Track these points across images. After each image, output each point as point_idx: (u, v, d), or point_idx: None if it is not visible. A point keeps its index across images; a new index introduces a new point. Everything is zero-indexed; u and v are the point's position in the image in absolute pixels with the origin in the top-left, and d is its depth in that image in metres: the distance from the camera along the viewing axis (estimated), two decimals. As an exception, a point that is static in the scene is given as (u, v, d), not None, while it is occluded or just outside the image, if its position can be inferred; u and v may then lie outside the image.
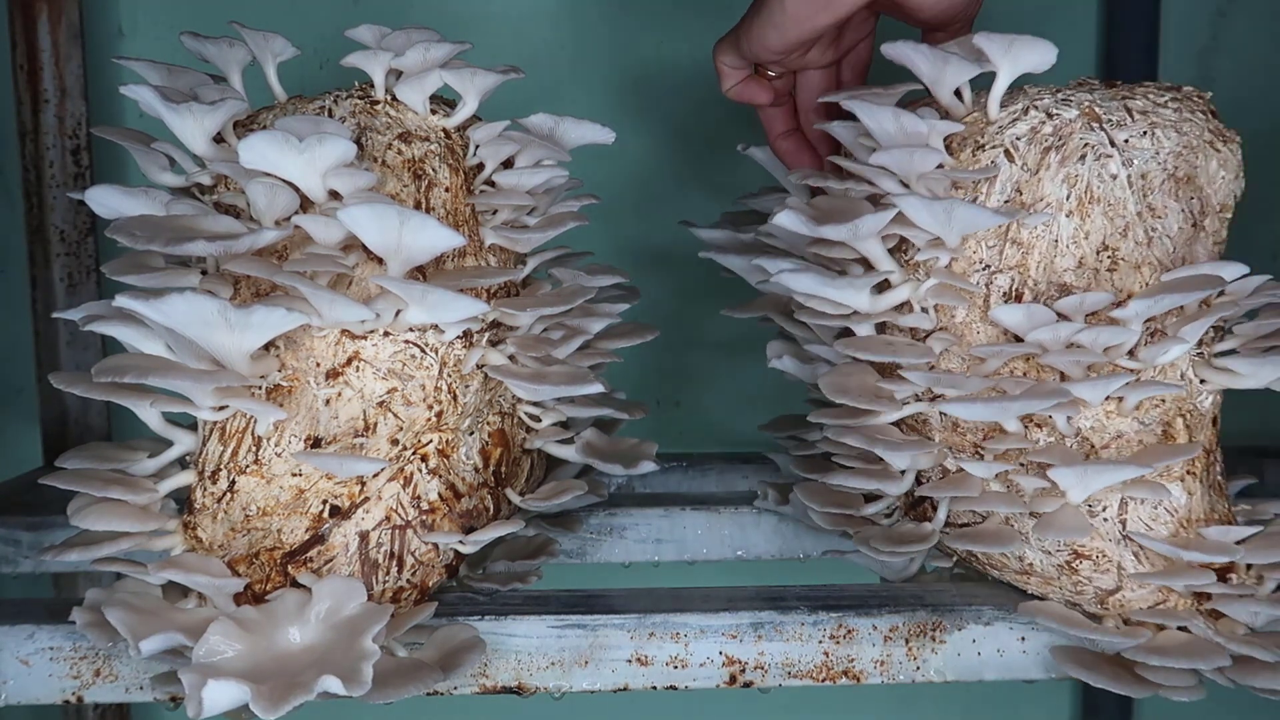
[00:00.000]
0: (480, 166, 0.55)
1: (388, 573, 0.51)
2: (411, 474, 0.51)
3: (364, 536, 0.50)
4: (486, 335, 0.53)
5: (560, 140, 0.55)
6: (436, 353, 0.51)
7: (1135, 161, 0.51)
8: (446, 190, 0.53)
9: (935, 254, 0.51)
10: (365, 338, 0.50)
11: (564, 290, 0.56)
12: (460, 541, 0.52)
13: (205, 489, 0.51)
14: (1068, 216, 0.51)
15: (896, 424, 0.54)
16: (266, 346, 0.50)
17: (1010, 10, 0.82)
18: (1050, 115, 0.51)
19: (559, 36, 0.81)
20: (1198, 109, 0.52)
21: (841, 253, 0.53)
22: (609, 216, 0.82)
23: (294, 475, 0.50)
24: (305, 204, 0.50)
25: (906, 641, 0.52)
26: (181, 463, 0.53)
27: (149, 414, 0.51)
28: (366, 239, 0.48)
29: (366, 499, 0.50)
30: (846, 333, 0.54)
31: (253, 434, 0.51)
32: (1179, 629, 0.51)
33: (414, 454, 0.51)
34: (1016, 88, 0.52)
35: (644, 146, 0.83)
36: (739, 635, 0.52)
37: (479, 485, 0.53)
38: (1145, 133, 0.51)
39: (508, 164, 0.55)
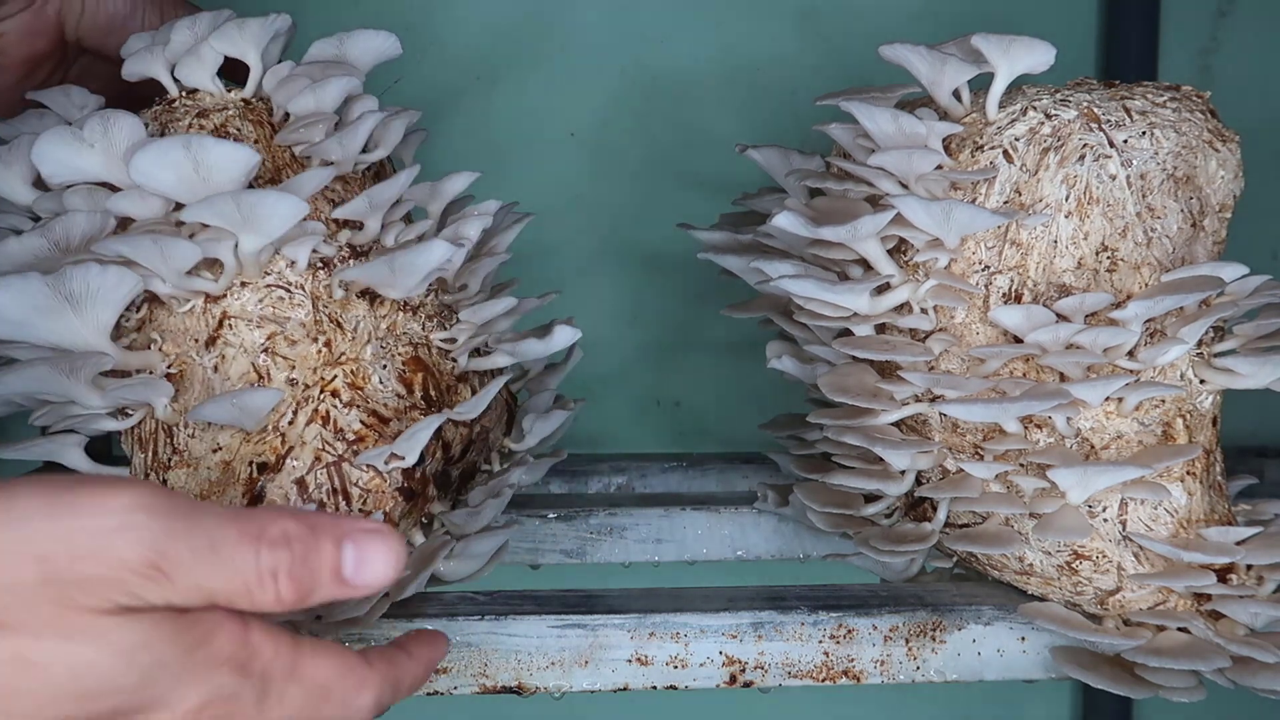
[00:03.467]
0: (287, 116, 0.53)
1: (336, 509, 0.50)
2: (328, 411, 0.50)
3: (301, 483, 0.49)
4: (340, 251, 0.52)
5: (352, 60, 0.53)
6: (303, 288, 0.50)
7: (1134, 162, 0.51)
8: (256, 142, 0.52)
9: (934, 255, 0.51)
10: (226, 295, 0.50)
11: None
12: (393, 454, 0.50)
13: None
14: (1067, 217, 0.51)
15: (896, 424, 0.54)
16: (149, 345, 0.50)
17: (1009, 10, 0.82)
18: (1049, 116, 0.51)
19: (557, 36, 0.81)
20: (1196, 109, 0.52)
21: (840, 254, 0.53)
22: (606, 217, 0.82)
23: (214, 451, 0.50)
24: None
25: (906, 641, 0.52)
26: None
27: (77, 459, 0.51)
28: (164, 186, 0.46)
29: (291, 448, 0.49)
30: (846, 333, 0.54)
31: (164, 429, 0.50)
32: (1179, 630, 0.51)
33: (322, 392, 0.50)
34: (1015, 88, 0.52)
35: (642, 147, 0.83)
36: (739, 635, 0.52)
37: (408, 409, 0.52)
38: (1144, 133, 0.51)
39: None
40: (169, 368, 0.50)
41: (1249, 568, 0.52)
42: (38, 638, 0.29)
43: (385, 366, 0.52)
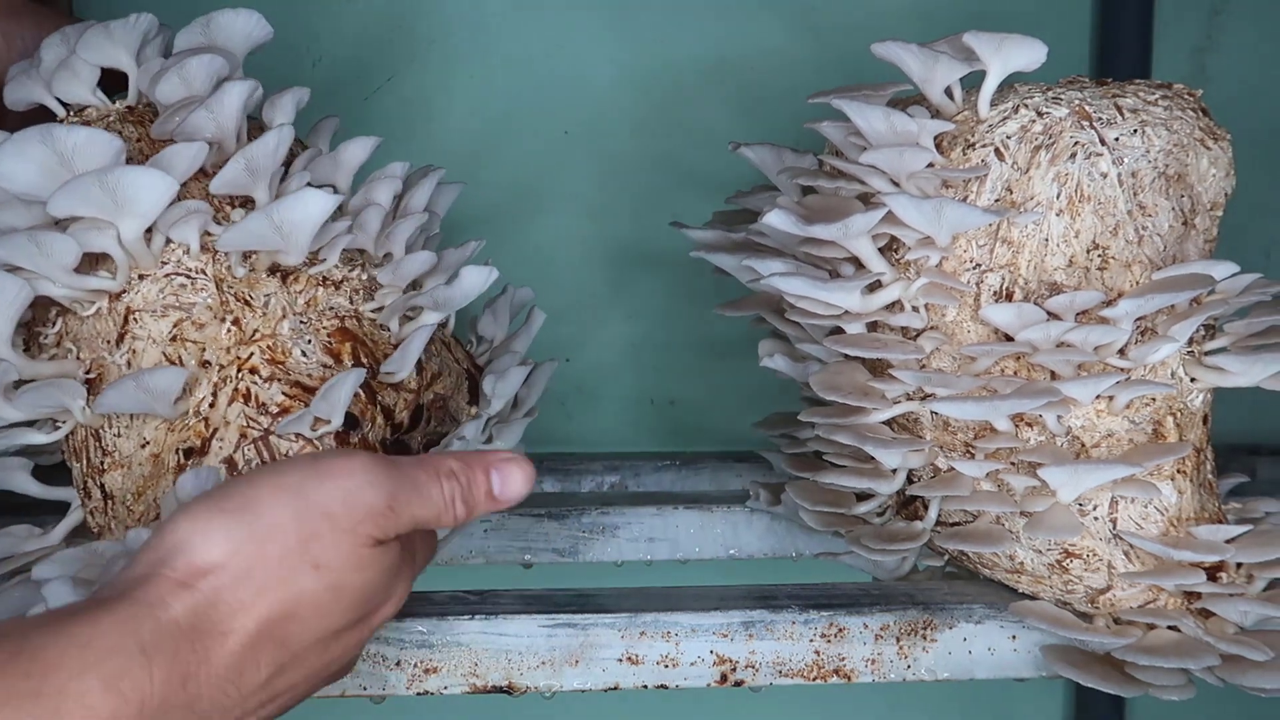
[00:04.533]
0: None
1: None
2: (248, 388, 0.49)
3: (229, 461, 0.49)
4: (216, 222, 0.50)
5: (220, 44, 0.52)
6: (204, 272, 0.50)
7: (1126, 160, 0.51)
8: (138, 141, 0.51)
9: (926, 253, 0.51)
10: (126, 291, 0.49)
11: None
12: (316, 417, 0.49)
13: (90, 511, 0.51)
14: (1058, 215, 0.51)
15: (888, 423, 0.54)
16: (67, 355, 0.50)
17: (1002, 7, 0.81)
18: (1040, 114, 0.51)
19: (555, 37, 0.81)
20: (1188, 107, 0.52)
21: (832, 251, 0.53)
22: (600, 216, 0.82)
23: (143, 446, 0.50)
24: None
25: (898, 640, 0.52)
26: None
27: (27, 483, 0.51)
28: (28, 183, 0.45)
29: (215, 429, 0.49)
30: (838, 331, 0.54)
31: (93, 435, 0.50)
32: (1169, 628, 0.51)
33: (240, 370, 0.50)
34: (1007, 86, 0.52)
35: (636, 145, 0.83)
36: (730, 634, 0.52)
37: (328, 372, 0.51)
38: (1135, 131, 0.51)
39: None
40: (87, 373, 0.50)
41: (1239, 566, 0.52)
42: (342, 571, 0.40)
43: (309, 340, 0.51)
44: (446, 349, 0.57)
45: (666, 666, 0.51)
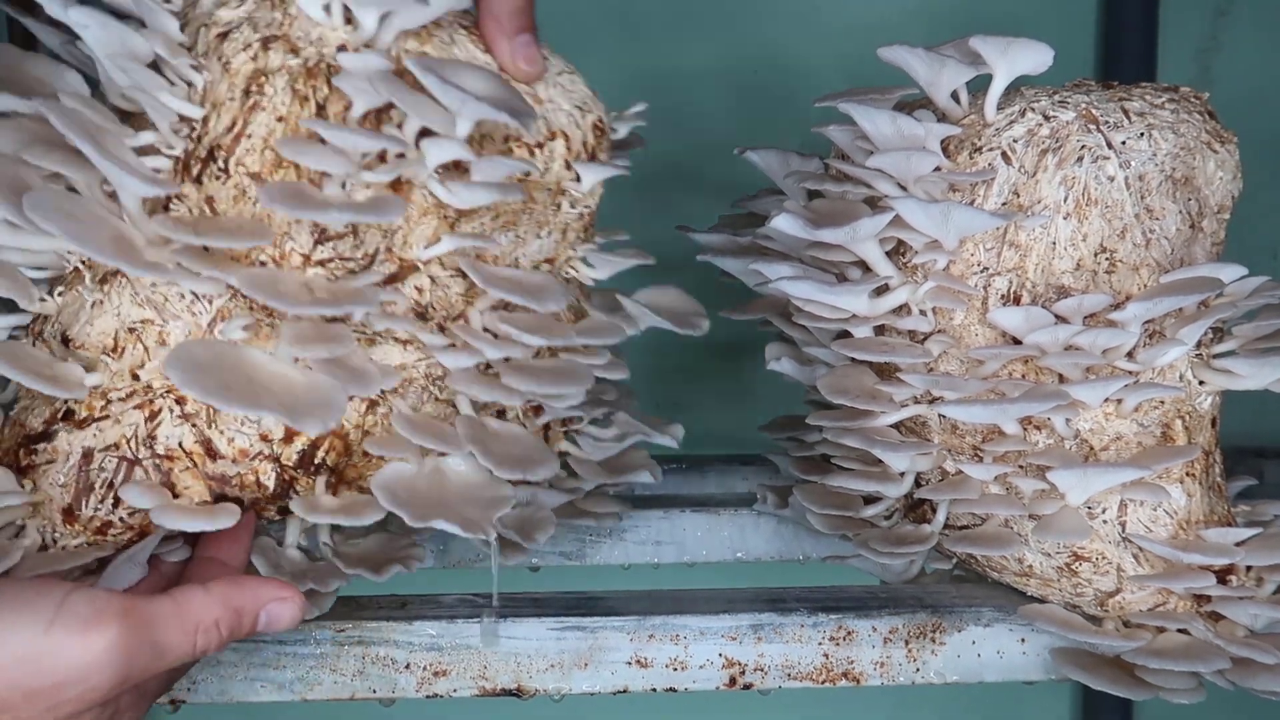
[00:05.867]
0: (348, 105, 0.46)
1: (101, 501, 0.47)
2: (159, 410, 0.47)
3: (88, 455, 0.47)
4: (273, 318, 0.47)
5: (456, 106, 0.45)
6: (211, 303, 0.46)
7: (1133, 163, 0.51)
8: (280, 120, 0.45)
9: (933, 256, 0.51)
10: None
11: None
12: (153, 506, 0.46)
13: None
14: (1065, 219, 0.51)
15: (895, 426, 0.54)
16: None
17: (1008, 11, 0.82)
18: (1047, 117, 0.51)
19: (557, 39, 0.81)
20: (1195, 110, 0.52)
21: (839, 255, 0.53)
22: (605, 219, 0.82)
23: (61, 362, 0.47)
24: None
25: (906, 643, 0.52)
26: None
27: None
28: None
29: (106, 417, 0.47)
30: (845, 335, 0.54)
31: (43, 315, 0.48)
32: (1179, 631, 0.51)
33: (167, 393, 0.47)
34: (1013, 89, 0.52)
35: (642, 149, 0.83)
36: (738, 637, 0.52)
37: (258, 455, 0.47)
38: (1142, 134, 0.51)
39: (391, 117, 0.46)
40: (80, 265, 0.47)
41: (1248, 569, 0.52)
42: None
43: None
44: None
45: (675, 669, 0.51)
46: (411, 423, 0.49)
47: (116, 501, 0.47)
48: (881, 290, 0.53)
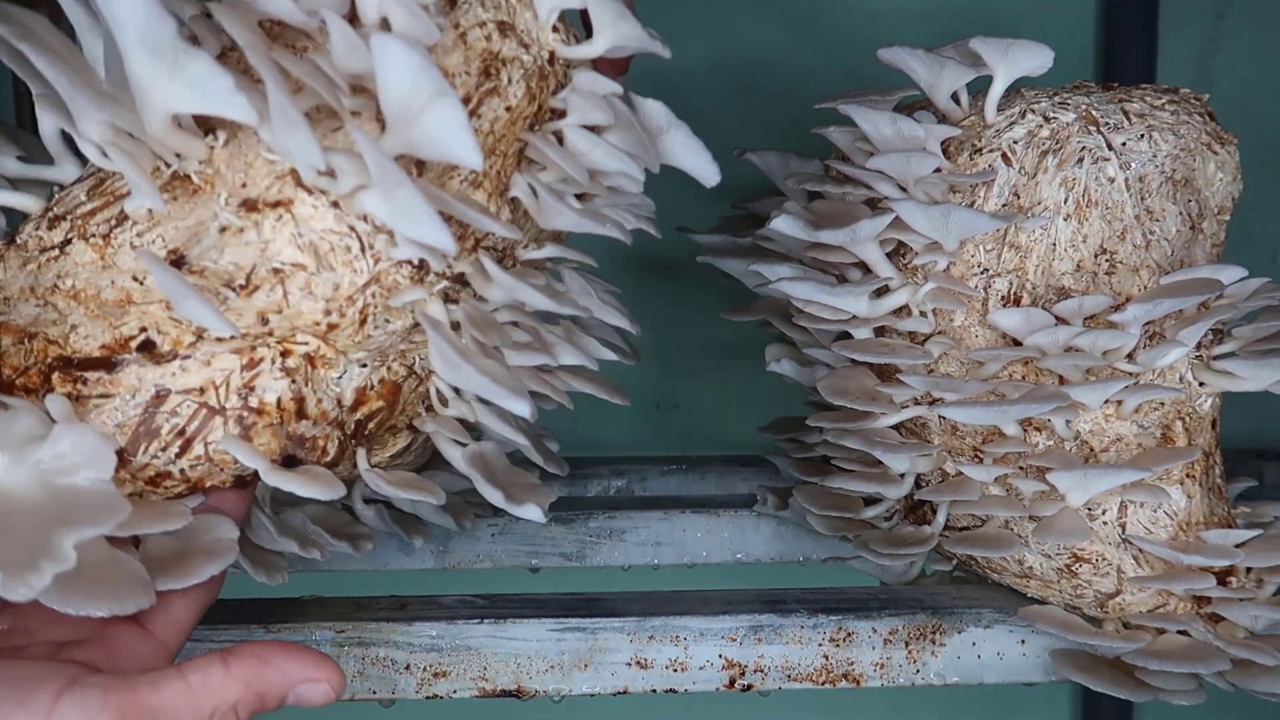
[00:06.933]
0: (561, 114, 0.46)
1: (163, 449, 0.41)
2: (260, 359, 0.42)
3: (160, 395, 0.41)
4: (444, 284, 0.44)
5: (661, 145, 0.47)
6: (376, 262, 0.42)
7: (1133, 164, 0.51)
8: (507, 110, 0.44)
9: (933, 258, 0.51)
10: (312, 193, 0.41)
11: (561, 295, 0.48)
12: (262, 467, 0.42)
13: (39, 228, 0.42)
14: (1065, 220, 0.51)
15: (895, 427, 0.54)
16: (206, 130, 0.41)
17: (1008, 12, 0.82)
18: (1047, 119, 0.51)
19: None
20: (1195, 111, 0.52)
21: (839, 256, 0.53)
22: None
23: (135, 279, 0.41)
24: (352, 18, 0.41)
25: (906, 644, 0.52)
26: (46, 187, 0.44)
27: (45, 117, 0.42)
28: (382, 87, 0.38)
29: (191, 356, 0.41)
30: (845, 336, 0.55)
31: (123, 207, 0.42)
32: (1179, 633, 0.51)
33: (277, 342, 0.42)
34: (1013, 91, 0.52)
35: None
36: (738, 638, 0.52)
37: (331, 421, 0.44)
38: (1143, 135, 0.51)
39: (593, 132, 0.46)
40: (196, 175, 0.41)
41: (1249, 570, 0.52)
42: None
43: (364, 369, 0.44)
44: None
45: (675, 670, 0.51)
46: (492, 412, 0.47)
47: (183, 451, 0.42)
48: (882, 291, 0.53)
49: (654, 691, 0.51)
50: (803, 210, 0.53)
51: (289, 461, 0.43)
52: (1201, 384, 0.52)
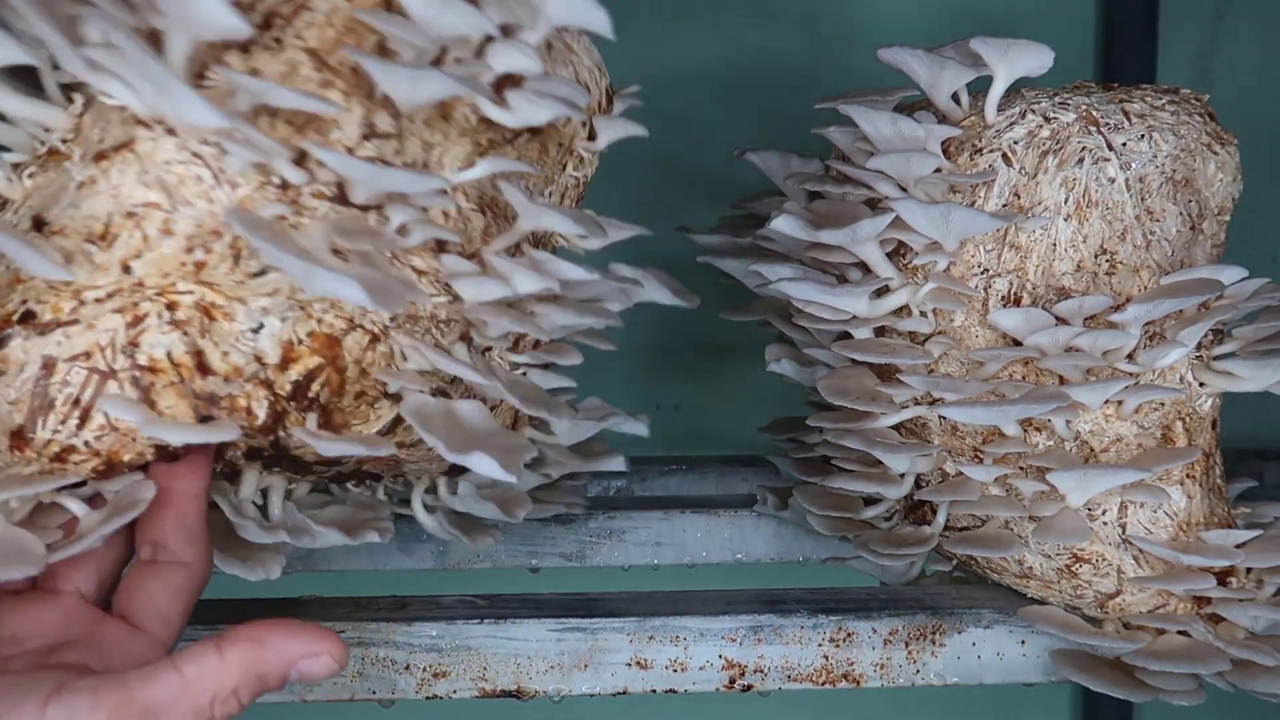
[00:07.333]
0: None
1: (62, 422, 0.39)
2: (145, 315, 0.39)
3: (49, 365, 0.39)
4: (326, 205, 0.40)
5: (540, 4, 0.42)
6: (235, 188, 0.40)
7: (1133, 165, 0.51)
8: None
9: (933, 258, 0.51)
10: (149, 125, 0.39)
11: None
12: (138, 418, 0.39)
13: None
14: (1066, 220, 0.51)
15: (895, 427, 0.54)
16: (70, 96, 0.41)
17: (1008, 12, 0.82)
18: (1048, 119, 0.51)
19: (558, 40, 0.81)
20: (1195, 111, 0.52)
21: (839, 257, 0.53)
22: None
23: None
24: None
25: (906, 645, 0.52)
26: None
27: None
28: None
29: (75, 321, 0.39)
30: (845, 336, 0.55)
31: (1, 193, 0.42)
32: (1179, 633, 0.51)
33: (157, 294, 0.40)
34: (1014, 91, 0.52)
35: (641, 149, 0.83)
36: (738, 638, 0.52)
37: (252, 379, 0.41)
38: (1143, 136, 0.51)
39: None
40: (61, 143, 0.41)
41: (1249, 570, 0.52)
42: None
43: (282, 320, 0.41)
44: None
45: (675, 671, 0.51)
46: (454, 357, 0.43)
47: (83, 421, 0.40)
48: (882, 292, 0.53)
49: (654, 692, 0.51)
50: (803, 210, 0.53)
51: (202, 420, 0.41)
52: (1201, 384, 0.52)
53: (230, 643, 0.36)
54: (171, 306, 0.40)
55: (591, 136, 0.51)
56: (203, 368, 0.40)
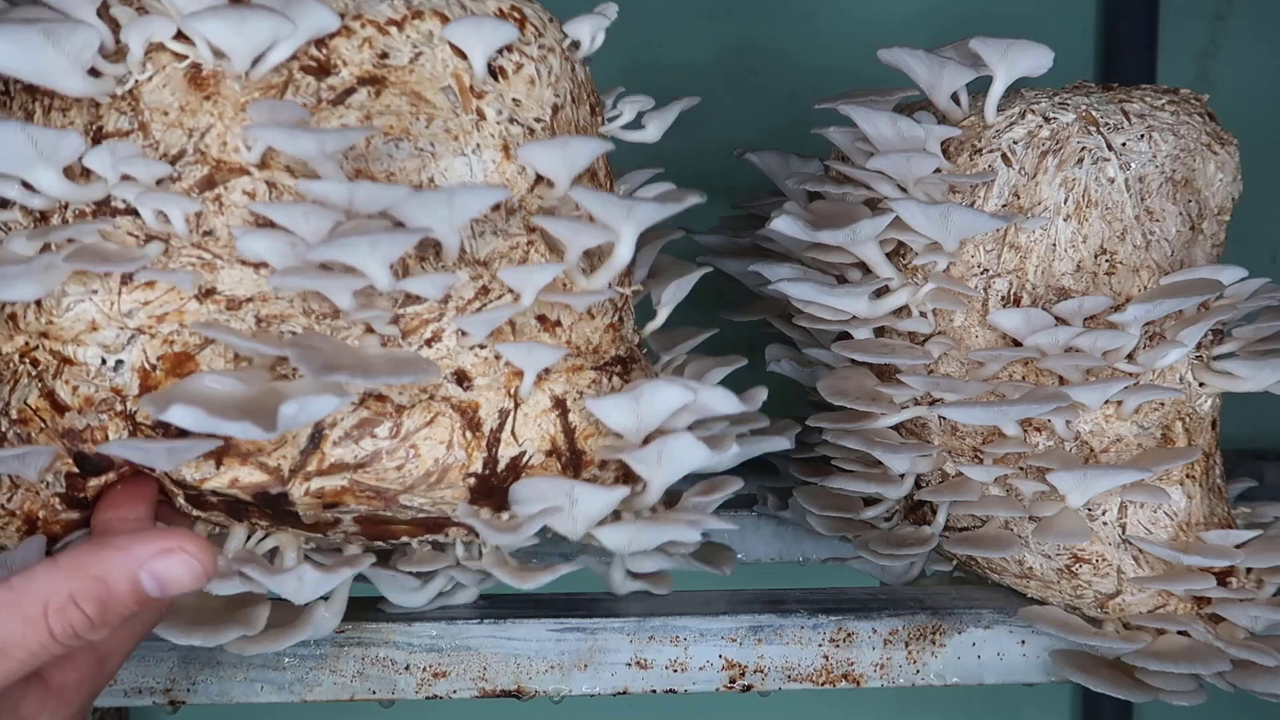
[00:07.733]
0: None
1: None
2: (19, 375, 0.41)
3: None
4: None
5: None
6: None
7: (1133, 165, 0.51)
8: None
9: (933, 258, 0.51)
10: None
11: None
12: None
13: None
14: (1065, 220, 0.51)
15: (895, 428, 0.54)
16: None
17: (1008, 12, 0.82)
18: (1047, 119, 0.51)
19: (558, 41, 0.81)
20: (1195, 112, 0.52)
21: (839, 257, 0.53)
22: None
23: None
24: None
25: (906, 645, 0.52)
26: None
27: None
28: None
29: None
30: (845, 336, 0.55)
31: None
32: (1179, 633, 0.51)
33: (23, 357, 0.42)
34: (1013, 91, 0.52)
35: (640, 149, 0.83)
36: (738, 639, 0.52)
37: (106, 408, 0.41)
38: (1142, 136, 0.51)
39: None
40: None
41: (1249, 571, 0.52)
42: None
43: (133, 348, 0.40)
44: None
45: (675, 671, 0.51)
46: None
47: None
48: (882, 292, 0.53)
49: (654, 692, 0.51)
50: (803, 210, 0.53)
51: (87, 464, 0.41)
52: (1201, 384, 0.52)
53: (68, 550, 0.33)
54: (34, 362, 0.41)
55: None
56: (57, 405, 0.41)
